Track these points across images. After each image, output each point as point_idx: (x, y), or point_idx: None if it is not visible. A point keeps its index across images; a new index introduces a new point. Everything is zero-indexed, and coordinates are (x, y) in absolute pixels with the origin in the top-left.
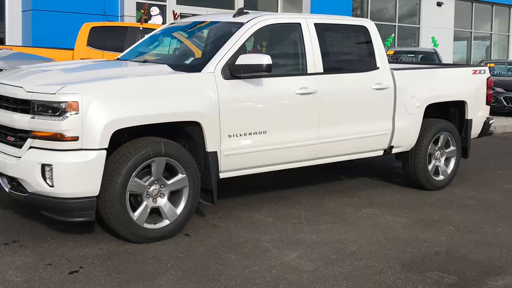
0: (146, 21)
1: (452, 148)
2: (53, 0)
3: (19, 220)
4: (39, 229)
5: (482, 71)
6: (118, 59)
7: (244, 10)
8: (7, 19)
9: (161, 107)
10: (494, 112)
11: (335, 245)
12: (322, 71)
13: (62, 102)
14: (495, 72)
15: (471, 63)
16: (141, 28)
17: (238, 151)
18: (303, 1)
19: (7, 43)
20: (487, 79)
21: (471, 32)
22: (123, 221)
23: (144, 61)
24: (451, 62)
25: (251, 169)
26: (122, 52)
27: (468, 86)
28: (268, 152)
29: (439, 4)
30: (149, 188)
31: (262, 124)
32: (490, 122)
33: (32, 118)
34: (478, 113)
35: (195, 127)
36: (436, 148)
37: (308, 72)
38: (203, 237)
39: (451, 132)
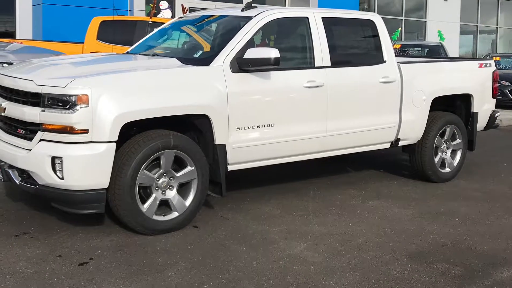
0: (155, 15)
1: (458, 140)
2: None
3: (30, 212)
4: (49, 221)
5: (488, 65)
6: (127, 52)
7: (252, 4)
8: (17, 13)
9: (170, 100)
10: (499, 105)
11: (343, 237)
12: (329, 64)
13: (72, 95)
14: (501, 66)
15: (477, 57)
16: (150, 22)
17: (246, 144)
18: None
19: (17, 36)
20: (493, 72)
21: (477, 26)
22: (132, 213)
23: (154, 55)
24: (457, 56)
25: (259, 161)
26: (131, 45)
27: (474, 80)
28: (276, 145)
29: None
30: (158, 181)
31: (270, 117)
32: (496, 115)
33: (42, 111)
34: (484, 106)
35: (204, 120)
36: (443, 140)
37: (316, 65)
38: (211, 229)
39: (457, 125)
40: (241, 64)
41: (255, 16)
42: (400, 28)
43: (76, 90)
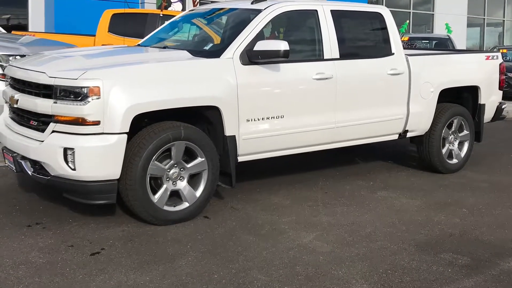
0: (166, 8)
1: (465, 132)
2: None
3: (42, 202)
4: (61, 212)
5: (495, 57)
6: (138, 45)
7: None
8: (30, 5)
9: (180, 92)
10: (506, 97)
11: (351, 227)
12: (338, 56)
13: (84, 87)
14: (508, 58)
15: (484, 49)
16: (161, 15)
17: (256, 135)
18: None
19: (30, 29)
20: (500, 64)
21: (484, 18)
22: (143, 204)
23: (164, 47)
24: (465, 48)
25: (268, 152)
26: (142, 38)
27: (481, 72)
28: (285, 136)
29: None
30: (169, 172)
31: (279, 109)
32: (503, 106)
33: (54, 102)
34: (491, 98)
35: (214, 111)
36: (450, 132)
37: (325, 57)
38: (221, 219)
39: (465, 116)
40: (251, 57)
41: (265, 9)
42: (408, 21)
43: (88, 82)
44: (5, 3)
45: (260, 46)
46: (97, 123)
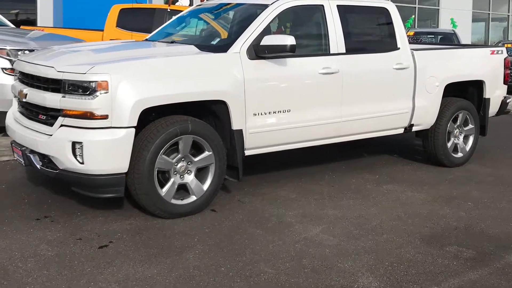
0: (173, 3)
1: (470, 126)
2: None
3: (51, 196)
4: (69, 205)
5: (500, 52)
6: (146, 40)
7: None
8: (38, 1)
9: (188, 87)
10: (511, 91)
11: (357, 220)
12: (344, 51)
13: (92, 81)
14: None
15: (489, 44)
16: (168, 10)
17: (262, 129)
18: None
19: (38, 24)
20: (505, 59)
21: (489, 13)
22: (151, 197)
23: (172, 42)
24: (470, 43)
25: (275, 146)
26: (150, 33)
27: (486, 66)
28: (292, 130)
29: None
30: (176, 165)
31: (286, 103)
32: (508, 101)
33: (63, 97)
34: (495, 92)
35: (221, 105)
36: (455, 126)
37: (331, 52)
38: (229, 212)
39: (470, 110)
40: (257, 51)
41: (271, 4)
42: (413, 16)
43: (96, 77)
44: None
45: (267, 40)
46: (105, 117)
